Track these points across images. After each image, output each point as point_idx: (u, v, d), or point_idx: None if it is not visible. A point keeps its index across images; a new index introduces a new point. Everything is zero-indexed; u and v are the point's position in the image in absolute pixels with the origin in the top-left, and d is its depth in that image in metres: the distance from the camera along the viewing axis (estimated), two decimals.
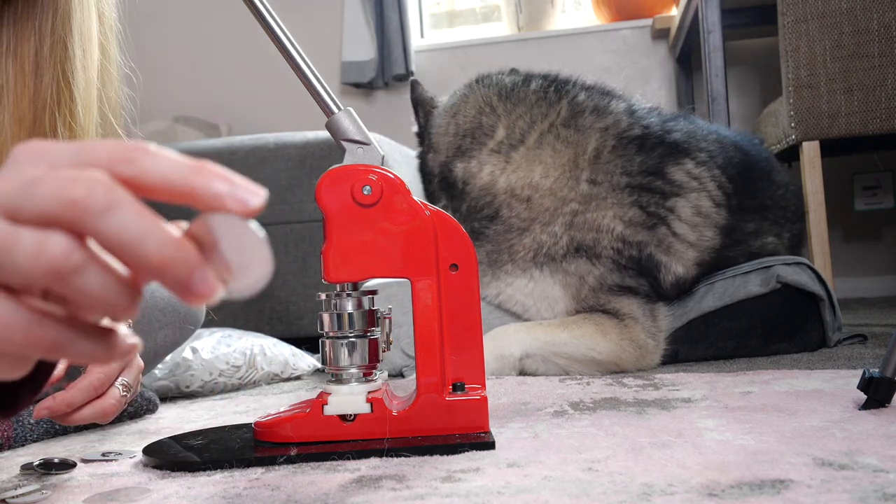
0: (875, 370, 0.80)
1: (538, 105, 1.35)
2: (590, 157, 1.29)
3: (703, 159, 1.35)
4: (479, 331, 0.78)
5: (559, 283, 1.27)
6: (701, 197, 1.32)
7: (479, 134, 1.35)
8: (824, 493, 0.52)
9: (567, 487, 0.57)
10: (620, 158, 1.29)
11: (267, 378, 1.46)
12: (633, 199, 1.27)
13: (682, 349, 1.32)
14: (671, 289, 1.32)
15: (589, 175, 1.28)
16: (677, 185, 1.30)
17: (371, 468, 0.67)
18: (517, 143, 1.32)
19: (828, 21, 1.81)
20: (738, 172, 1.39)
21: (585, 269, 1.25)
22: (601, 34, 3.03)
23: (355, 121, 0.79)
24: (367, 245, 0.76)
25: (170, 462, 0.73)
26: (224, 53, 3.27)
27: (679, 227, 1.30)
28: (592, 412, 0.88)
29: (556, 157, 1.29)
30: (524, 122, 1.33)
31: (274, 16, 0.79)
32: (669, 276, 1.30)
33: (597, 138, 1.30)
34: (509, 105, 1.36)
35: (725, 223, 1.35)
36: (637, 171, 1.29)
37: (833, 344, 1.37)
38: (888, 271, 2.82)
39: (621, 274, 1.27)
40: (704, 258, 1.34)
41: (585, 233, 1.26)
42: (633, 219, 1.27)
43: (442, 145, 1.41)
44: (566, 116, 1.33)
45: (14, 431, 0.91)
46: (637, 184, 1.28)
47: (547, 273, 1.27)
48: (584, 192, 1.27)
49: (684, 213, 1.31)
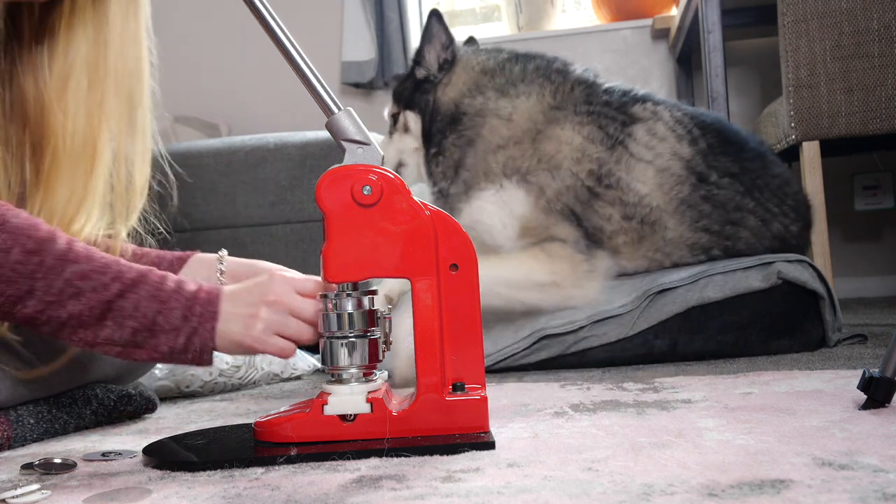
0: (875, 370, 0.80)
1: (545, 60, 1.53)
2: (565, 92, 1.47)
3: (664, 103, 1.48)
4: (479, 331, 0.78)
5: (523, 189, 1.39)
6: (657, 124, 1.43)
7: (498, 75, 1.50)
8: (824, 493, 0.52)
9: (567, 487, 0.57)
10: (586, 94, 1.46)
11: (267, 378, 1.46)
12: (591, 119, 1.42)
13: (681, 340, 1.32)
14: (634, 212, 1.37)
15: (558, 103, 1.45)
16: (635, 117, 1.44)
17: (371, 468, 0.67)
18: (517, 82, 1.49)
19: (828, 21, 1.81)
20: (709, 124, 1.46)
21: (546, 181, 1.38)
22: (601, 34, 3.03)
23: (355, 121, 0.79)
24: (367, 245, 0.76)
25: (170, 462, 0.73)
26: (224, 53, 3.26)
27: (635, 147, 1.40)
28: (592, 413, 0.88)
29: (541, 91, 1.47)
30: (530, 68, 1.51)
31: (274, 16, 0.79)
32: (631, 195, 1.38)
33: (574, 82, 1.49)
34: (525, 58, 1.54)
35: (690, 158, 1.41)
36: (599, 103, 1.44)
37: (833, 344, 1.37)
38: (888, 271, 2.82)
39: (574, 194, 1.37)
40: (667, 182, 1.39)
41: (548, 144, 1.40)
42: (591, 135, 1.40)
43: (461, 82, 1.52)
44: (559, 67, 1.52)
45: (14, 431, 0.91)
46: (597, 111, 1.43)
47: (514, 182, 1.40)
48: (551, 116, 1.43)
49: (639, 135, 1.41)
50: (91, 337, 0.79)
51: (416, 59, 1.58)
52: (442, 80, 1.54)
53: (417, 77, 1.57)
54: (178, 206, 1.20)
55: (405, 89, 1.59)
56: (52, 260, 0.77)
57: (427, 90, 1.55)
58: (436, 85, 1.54)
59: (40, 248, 0.77)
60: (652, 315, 1.32)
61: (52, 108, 0.94)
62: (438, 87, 1.54)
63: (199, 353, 0.81)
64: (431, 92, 1.54)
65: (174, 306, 0.80)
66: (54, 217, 0.93)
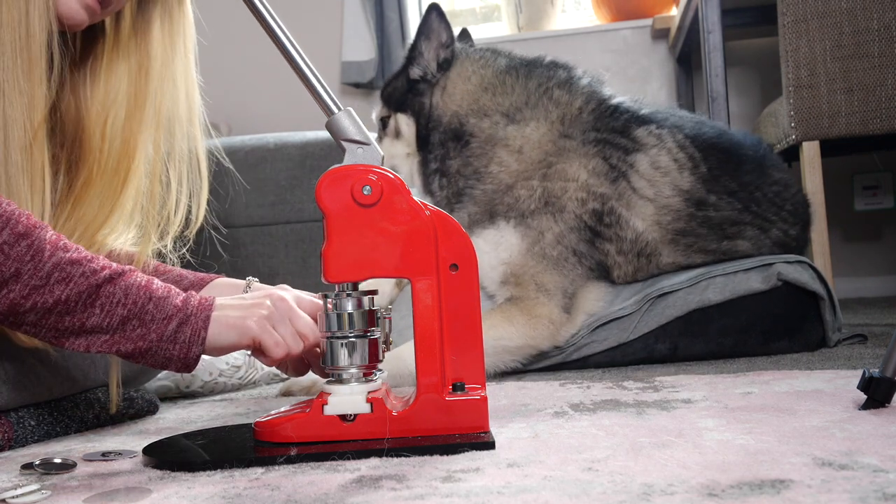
0: (875, 370, 0.80)
1: (546, 72, 1.46)
2: (573, 115, 1.41)
3: (667, 125, 1.43)
4: (479, 331, 0.78)
5: (519, 233, 1.34)
6: (660, 153, 1.39)
7: (500, 94, 1.43)
8: (824, 493, 0.52)
9: (567, 487, 0.57)
10: (595, 119, 1.41)
11: (267, 378, 1.46)
12: (597, 149, 1.37)
13: (681, 343, 1.32)
14: (631, 250, 1.35)
15: (567, 130, 1.39)
16: (638, 142, 1.39)
17: (371, 468, 0.67)
18: (522, 106, 1.41)
19: (828, 21, 1.81)
20: (711, 145, 1.43)
21: (547, 225, 1.33)
22: (601, 34, 3.03)
23: (355, 121, 0.79)
24: (367, 245, 0.76)
25: (170, 462, 0.73)
26: (224, 53, 3.26)
27: (637, 181, 1.37)
28: (592, 413, 0.88)
29: (547, 115, 1.41)
30: (532, 86, 1.43)
31: (274, 16, 0.79)
32: (629, 233, 1.36)
33: (581, 100, 1.42)
34: (526, 70, 1.46)
35: (690, 188, 1.38)
36: (605, 128, 1.40)
37: (833, 344, 1.37)
38: (888, 271, 2.82)
39: (578, 234, 1.33)
40: (664, 218, 1.37)
41: (555, 182, 1.35)
42: (597, 168, 1.36)
43: (459, 93, 1.44)
44: (562, 81, 1.45)
45: (15, 433, 0.91)
46: (603, 139, 1.38)
47: (511, 224, 1.35)
48: (560, 145, 1.38)
49: (642, 167, 1.38)
50: (77, 323, 0.76)
51: (411, 55, 1.48)
52: (439, 82, 1.46)
53: (411, 76, 1.48)
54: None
55: (396, 90, 1.51)
56: (42, 243, 0.76)
57: (422, 92, 1.47)
58: (433, 87, 1.46)
59: (29, 233, 0.76)
60: (652, 319, 1.32)
61: (91, 132, 0.96)
62: (436, 90, 1.45)
63: (188, 345, 0.78)
64: (427, 94, 1.46)
65: (164, 295, 0.78)
66: (78, 229, 0.94)
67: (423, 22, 1.47)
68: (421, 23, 1.47)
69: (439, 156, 1.43)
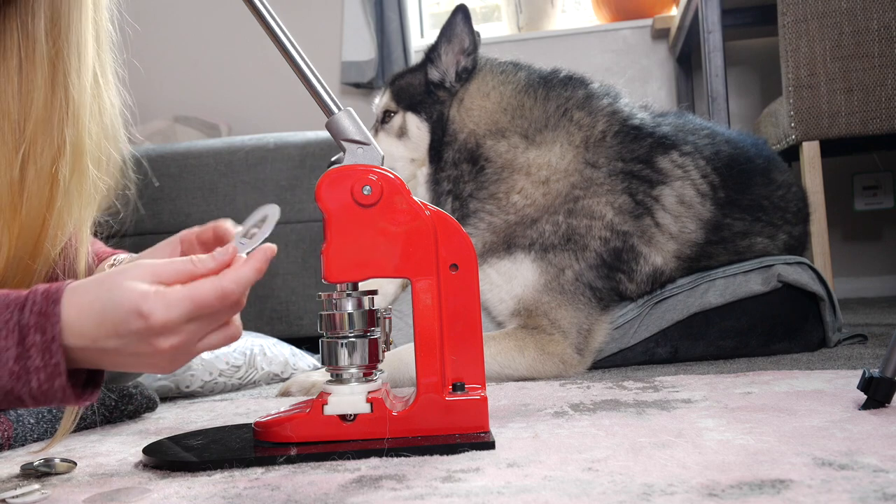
0: (875, 370, 0.80)
1: (563, 91, 1.40)
2: (596, 139, 1.35)
3: (689, 150, 1.38)
4: (479, 331, 0.78)
5: (538, 268, 1.29)
6: (685, 185, 1.35)
7: (518, 116, 1.37)
8: (824, 493, 0.52)
9: (567, 487, 0.57)
10: (619, 144, 1.35)
11: (267, 378, 1.46)
12: (624, 185, 1.32)
13: (682, 347, 1.32)
14: (645, 280, 1.33)
15: (592, 157, 1.34)
16: (663, 174, 1.35)
17: (371, 468, 0.67)
18: (542, 128, 1.36)
19: (828, 21, 1.81)
20: (727, 165, 1.40)
21: (567, 263, 1.29)
22: (601, 34, 3.03)
23: (355, 121, 0.79)
24: (367, 245, 0.76)
25: (170, 462, 0.73)
26: (224, 53, 3.26)
27: (662, 217, 1.33)
28: (592, 413, 0.88)
29: (569, 138, 1.35)
30: (551, 108, 1.38)
31: (274, 16, 0.79)
32: (647, 267, 1.32)
33: (604, 123, 1.37)
34: (544, 91, 1.39)
35: (710, 216, 1.36)
36: (630, 157, 1.34)
37: (833, 344, 1.37)
38: (888, 271, 2.82)
39: (597, 272, 1.29)
40: (684, 251, 1.35)
41: (581, 219, 1.30)
42: (623, 206, 1.31)
43: (477, 110, 1.38)
44: (581, 100, 1.38)
45: (14, 431, 0.91)
46: (629, 170, 1.33)
47: (531, 258, 1.30)
48: (587, 175, 1.32)
49: (668, 202, 1.34)
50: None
51: (431, 56, 1.42)
52: (458, 94, 1.40)
53: (430, 78, 1.41)
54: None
55: (410, 86, 1.43)
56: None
57: (440, 100, 1.40)
58: (452, 96, 1.40)
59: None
60: (653, 323, 1.32)
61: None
62: (454, 101, 1.39)
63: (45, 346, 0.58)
64: (447, 104, 1.40)
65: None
66: None
67: (448, 24, 1.40)
68: (445, 24, 1.41)
69: (453, 177, 1.38)
